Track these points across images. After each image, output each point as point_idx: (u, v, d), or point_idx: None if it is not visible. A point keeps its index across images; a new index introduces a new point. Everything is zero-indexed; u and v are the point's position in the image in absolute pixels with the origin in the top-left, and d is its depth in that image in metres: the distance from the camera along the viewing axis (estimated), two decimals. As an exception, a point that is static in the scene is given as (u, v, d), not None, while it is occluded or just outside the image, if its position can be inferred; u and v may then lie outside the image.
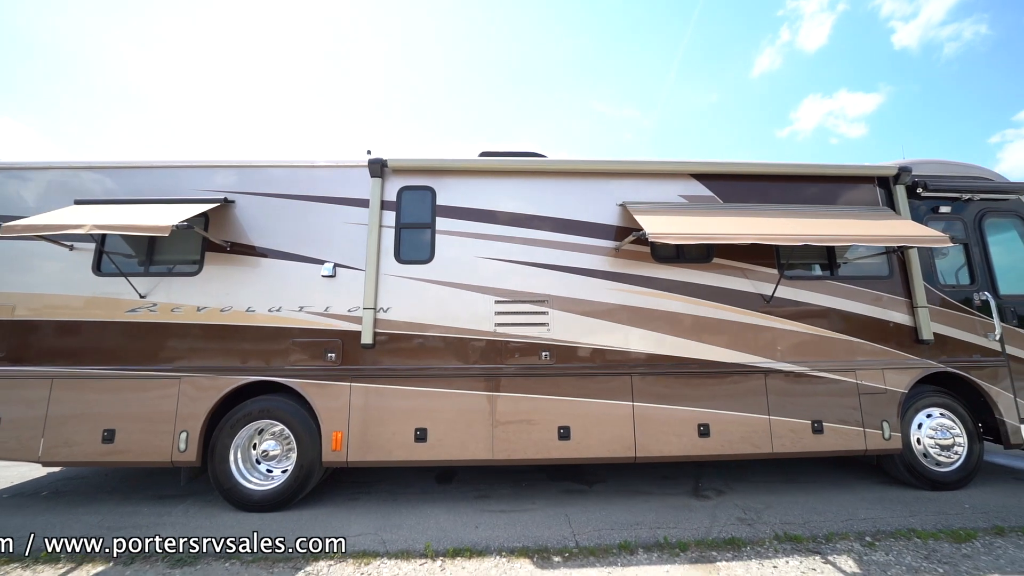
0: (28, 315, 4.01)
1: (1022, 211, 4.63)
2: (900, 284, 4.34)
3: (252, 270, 4.08)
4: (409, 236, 4.18)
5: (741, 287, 4.18)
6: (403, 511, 3.72)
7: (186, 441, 3.75)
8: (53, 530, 3.41)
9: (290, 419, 3.83)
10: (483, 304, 4.03)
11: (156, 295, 4.03)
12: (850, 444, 3.97)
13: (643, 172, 4.40)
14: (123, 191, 4.22)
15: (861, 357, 4.14)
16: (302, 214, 4.18)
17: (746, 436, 3.90)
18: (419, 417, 3.79)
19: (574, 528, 3.37)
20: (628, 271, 4.15)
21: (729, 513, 3.63)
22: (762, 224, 3.89)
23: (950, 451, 4.15)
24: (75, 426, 3.79)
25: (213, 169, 4.28)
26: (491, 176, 4.32)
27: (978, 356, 4.25)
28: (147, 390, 3.85)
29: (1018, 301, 4.42)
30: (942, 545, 3.11)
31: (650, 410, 3.88)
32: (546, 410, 3.84)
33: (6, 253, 4.09)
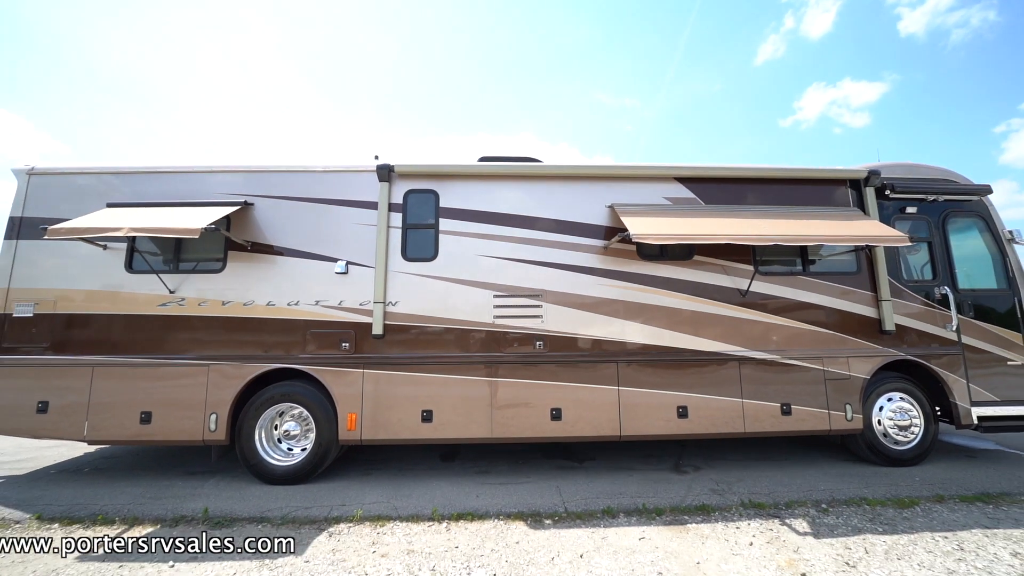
0: (68, 309, 4.40)
1: (984, 212, 4.98)
2: (867, 279, 4.72)
3: (271, 267, 4.46)
4: (415, 236, 4.55)
5: (719, 282, 4.56)
6: (412, 484, 4.15)
7: (216, 422, 4.17)
8: (102, 499, 3.85)
9: (309, 402, 4.24)
10: (483, 298, 4.42)
11: (184, 290, 4.42)
12: (815, 425, 4.38)
13: (631, 176, 4.75)
14: (151, 194, 4.58)
15: (829, 346, 4.53)
16: (316, 215, 4.55)
17: (721, 417, 4.32)
18: (425, 400, 4.20)
19: (564, 497, 3.80)
20: (616, 268, 4.52)
21: (703, 485, 4.06)
22: (737, 225, 4.25)
23: (907, 431, 4.56)
24: (115, 409, 4.20)
25: (233, 174, 4.64)
26: (490, 180, 4.68)
27: (936, 346, 4.64)
28: (179, 377, 4.26)
29: (975, 295, 4.80)
30: (887, 510, 3.53)
31: (634, 394, 4.29)
32: (540, 394, 4.25)
33: (46, 252, 4.46)
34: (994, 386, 4.60)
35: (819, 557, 2.85)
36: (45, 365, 4.27)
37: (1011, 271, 4.85)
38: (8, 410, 4.20)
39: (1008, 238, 4.93)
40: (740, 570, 2.71)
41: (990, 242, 4.94)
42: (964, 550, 2.93)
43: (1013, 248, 4.94)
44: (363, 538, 3.13)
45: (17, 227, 4.54)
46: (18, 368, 4.27)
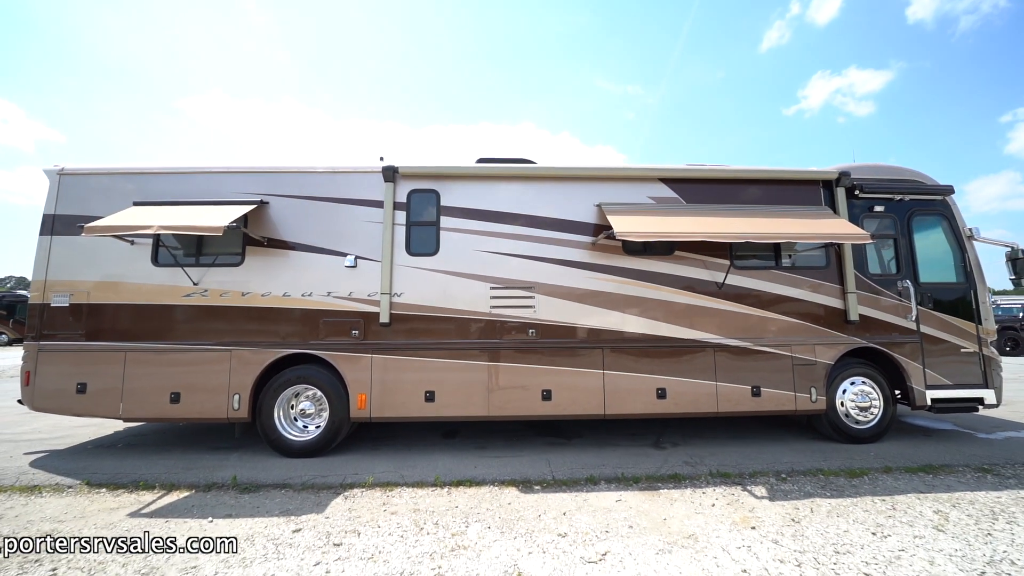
0: (100, 299, 4.81)
1: (947, 211, 5.35)
2: (835, 273, 5.11)
3: (286, 261, 4.86)
4: (418, 232, 4.93)
5: (698, 275, 4.96)
6: (416, 457, 4.61)
7: (239, 402, 4.61)
8: (139, 470, 4.30)
9: (323, 384, 4.67)
10: (480, 290, 4.82)
11: (206, 282, 4.82)
12: (782, 405, 4.82)
13: (618, 177, 5.12)
14: (174, 193, 4.95)
15: (797, 334, 4.95)
16: (327, 213, 4.93)
17: (696, 398, 4.75)
18: (428, 382, 4.64)
19: (552, 468, 4.25)
20: (602, 262, 4.92)
21: (678, 458, 4.52)
22: (714, 223, 4.64)
23: (867, 412, 5.00)
24: (147, 390, 4.63)
25: (249, 175, 5.00)
26: (487, 180, 5.05)
27: (896, 334, 5.05)
28: (204, 362, 4.68)
29: (935, 288, 5.19)
30: (839, 479, 3.97)
31: (617, 377, 4.72)
32: (532, 377, 4.68)
33: (79, 247, 4.84)
34: (948, 371, 5.02)
35: (770, 515, 3.30)
36: (82, 350, 4.70)
37: (969, 266, 5.24)
38: (51, 391, 4.64)
39: (968, 235, 5.31)
40: (700, 524, 3.16)
41: (951, 239, 5.33)
42: (896, 509, 3.38)
43: (972, 245, 5.33)
44: (375, 500, 3.58)
45: (51, 224, 4.92)
46: (58, 353, 4.70)
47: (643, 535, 3.00)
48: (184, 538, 2.97)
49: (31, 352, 4.71)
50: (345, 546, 2.87)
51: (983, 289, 5.24)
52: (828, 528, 3.09)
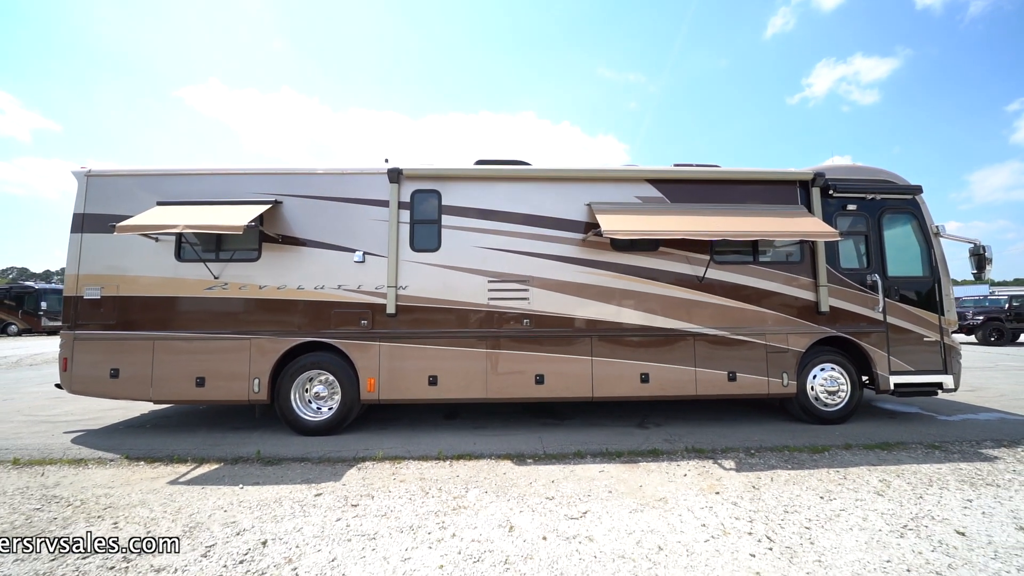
0: (128, 292, 5.22)
1: (915, 209, 5.72)
2: (809, 268, 5.49)
3: (299, 256, 5.25)
4: (421, 230, 5.32)
5: (680, 270, 5.35)
6: (421, 435, 5.06)
7: (258, 386, 5.04)
8: (170, 446, 4.76)
9: (335, 369, 5.11)
10: (479, 283, 5.22)
11: (226, 276, 5.22)
12: (756, 389, 5.25)
13: (607, 178, 5.49)
14: (194, 193, 5.32)
15: (772, 324, 5.35)
16: (336, 212, 5.31)
17: (677, 383, 5.18)
18: (432, 367, 5.07)
19: (544, 444, 4.70)
20: (592, 257, 5.31)
21: (659, 437, 4.96)
22: (695, 222, 5.02)
23: (835, 396, 5.43)
24: (174, 375, 5.06)
25: (264, 176, 5.37)
26: (485, 181, 5.41)
27: (864, 324, 5.45)
28: (226, 350, 5.10)
29: (901, 281, 5.58)
30: (802, 455, 4.41)
31: (604, 363, 5.14)
32: (526, 362, 5.11)
33: (108, 244, 5.23)
34: (911, 359, 5.44)
35: (734, 483, 3.74)
36: (114, 339, 5.13)
37: (935, 261, 5.62)
38: (87, 376, 5.09)
39: (935, 232, 5.68)
40: (671, 490, 3.60)
41: (919, 235, 5.70)
42: (846, 479, 3.81)
43: (939, 241, 5.70)
44: (385, 470, 4.03)
45: (81, 222, 5.31)
46: (92, 342, 5.13)
47: (620, 498, 3.44)
48: (219, 500, 3.42)
49: (67, 340, 5.15)
50: (361, 506, 3.32)
51: (947, 282, 5.63)
52: (783, 493, 3.53)
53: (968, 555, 2.65)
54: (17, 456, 4.43)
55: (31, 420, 5.89)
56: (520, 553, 2.69)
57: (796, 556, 2.66)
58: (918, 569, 2.52)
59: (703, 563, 2.58)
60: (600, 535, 2.90)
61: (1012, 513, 3.17)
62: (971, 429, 5.25)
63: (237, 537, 2.90)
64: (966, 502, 3.35)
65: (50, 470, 4.12)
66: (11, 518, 3.18)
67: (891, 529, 2.97)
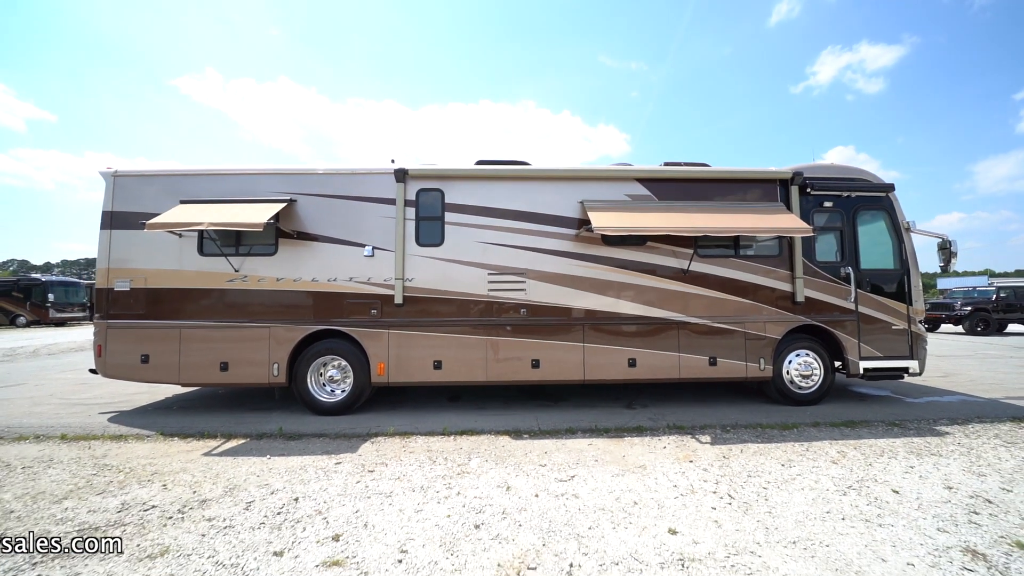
0: (155, 284, 5.65)
1: (888, 206, 6.11)
2: (787, 260, 5.91)
3: (313, 251, 5.66)
4: (425, 226, 5.73)
5: (666, 263, 5.76)
6: (426, 414, 5.53)
7: (277, 370, 5.50)
8: (199, 424, 5.22)
9: (347, 355, 5.56)
10: (479, 275, 5.64)
11: (245, 269, 5.64)
12: (735, 373, 5.70)
13: (599, 177, 5.88)
14: (215, 192, 5.72)
15: (750, 313, 5.78)
16: (347, 210, 5.71)
17: (661, 367, 5.63)
18: (436, 353, 5.51)
19: (539, 422, 5.17)
20: (584, 251, 5.72)
21: (645, 416, 5.43)
22: (679, 219, 5.41)
23: (809, 379, 5.88)
24: (200, 361, 5.52)
25: (279, 176, 5.76)
26: (486, 180, 5.81)
27: (837, 314, 5.88)
28: (247, 338, 5.54)
29: (873, 273, 5.99)
30: (773, 431, 4.87)
31: (595, 349, 5.59)
32: (523, 348, 5.56)
33: (135, 239, 5.64)
34: (880, 345, 5.87)
35: (707, 454, 4.20)
36: (143, 328, 5.57)
37: (905, 254, 6.03)
38: (120, 361, 5.54)
39: (906, 227, 6.08)
40: (651, 459, 4.06)
41: (891, 231, 6.10)
42: (809, 450, 4.27)
43: (909, 236, 6.10)
44: (395, 444, 4.50)
45: (109, 220, 5.72)
46: (123, 330, 5.57)
47: (604, 465, 3.91)
48: (251, 468, 3.89)
49: (101, 329, 5.59)
50: (377, 472, 3.79)
51: (916, 274, 6.04)
52: (749, 462, 3.99)
53: (896, 507, 3.11)
54: (64, 432, 4.90)
55: (66, 403, 6.36)
56: (515, 507, 3.15)
57: (751, 508, 3.12)
58: (851, 518, 2.98)
59: (670, 513, 3.04)
60: (585, 493, 3.36)
61: (945, 477, 3.63)
62: (933, 410, 5.70)
63: (272, 495, 3.37)
64: (908, 468, 3.81)
65: (95, 444, 4.58)
66: (74, 481, 3.65)
67: (837, 489, 3.42)
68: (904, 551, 2.60)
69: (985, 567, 2.44)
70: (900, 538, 2.73)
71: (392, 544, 2.69)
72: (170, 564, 2.52)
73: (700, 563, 2.49)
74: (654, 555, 2.56)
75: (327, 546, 2.68)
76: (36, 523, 2.98)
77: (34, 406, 6.19)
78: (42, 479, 3.71)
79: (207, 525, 2.94)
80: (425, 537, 2.77)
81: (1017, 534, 2.76)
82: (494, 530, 2.84)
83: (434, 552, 2.61)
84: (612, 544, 2.68)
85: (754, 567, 2.45)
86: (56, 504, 3.25)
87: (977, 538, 2.73)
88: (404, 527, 2.89)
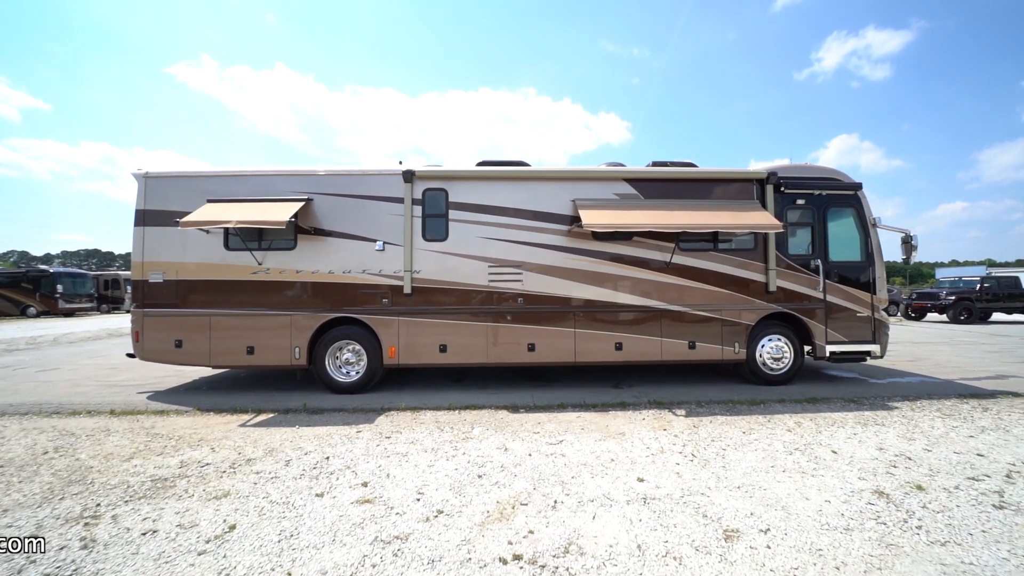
0: (186, 276, 6.22)
1: (856, 203, 6.64)
2: (761, 253, 6.47)
3: (329, 246, 6.22)
4: (431, 223, 6.27)
5: (650, 256, 6.32)
6: (433, 393, 6.14)
7: (299, 353, 6.10)
8: (230, 402, 5.84)
9: (361, 340, 6.15)
10: (481, 267, 6.21)
11: (268, 262, 6.21)
12: (712, 356, 6.30)
13: (590, 177, 6.41)
14: (239, 192, 6.26)
15: (727, 302, 6.36)
16: (359, 208, 6.25)
17: (645, 350, 6.23)
18: (442, 337, 6.11)
19: (534, 399, 5.78)
20: (576, 246, 6.28)
21: (629, 394, 6.04)
22: (661, 216, 5.96)
23: (780, 361, 6.48)
24: (229, 346, 6.11)
25: (296, 177, 6.30)
26: (486, 181, 6.34)
27: (806, 302, 6.45)
28: (270, 326, 6.12)
29: (841, 265, 6.55)
30: (742, 406, 5.48)
31: (585, 334, 6.18)
32: (520, 333, 6.15)
33: (166, 235, 6.19)
34: (845, 331, 6.46)
35: (680, 424, 4.81)
36: (176, 316, 6.15)
37: (871, 248, 6.58)
38: (156, 347, 6.14)
39: (872, 223, 6.63)
40: (630, 428, 4.67)
41: (859, 226, 6.64)
42: (770, 421, 4.88)
43: (875, 231, 6.65)
44: (407, 416, 5.11)
45: (142, 217, 6.27)
46: (158, 318, 6.16)
47: (589, 433, 4.52)
48: (283, 435, 4.51)
49: (138, 317, 6.18)
50: (393, 438, 4.40)
51: (880, 266, 6.60)
52: (715, 431, 4.60)
53: (831, 464, 3.72)
54: (112, 408, 5.51)
55: (103, 385, 6.98)
56: (512, 462, 3.76)
57: (709, 464, 3.73)
58: (790, 470, 3.59)
59: (640, 467, 3.66)
60: (570, 453, 3.97)
61: (880, 441, 4.23)
62: (891, 389, 6.31)
63: (306, 455, 3.98)
64: (852, 435, 4.42)
65: (142, 418, 5.20)
66: (134, 445, 4.27)
67: (785, 450, 4.03)
68: (826, 492, 3.21)
69: (885, 502, 3.05)
70: (825, 484, 3.34)
71: (411, 488, 3.31)
72: (233, 502, 3.13)
73: (659, 501, 3.10)
74: (623, 495, 3.17)
75: (358, 490, 3.29)
76: (114, 475, 3.60)
77: (75, 387, 6.81)
78: (106, 444, 4.33)
79: (256, 476, 3.55)
80: (437, 484, 3.38)
81: (921, 480, 3.37)
82: (494, 479, 3.46)
83: (445, 493, 3.22)
84: (590, 488, 3.29)
85: (702, 503, 3.06)
86: (126, 462, 3.87)
87: (887, 483, 3.33)
88: (419, 477, 3.50)
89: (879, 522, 2.81)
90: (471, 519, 2.87)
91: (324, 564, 2.43)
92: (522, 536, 2.68)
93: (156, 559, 2.50)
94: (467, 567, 2.40)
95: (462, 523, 2.83)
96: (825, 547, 2.56)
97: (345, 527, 2.79)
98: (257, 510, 3.01)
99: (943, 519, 2.84)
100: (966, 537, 2.64)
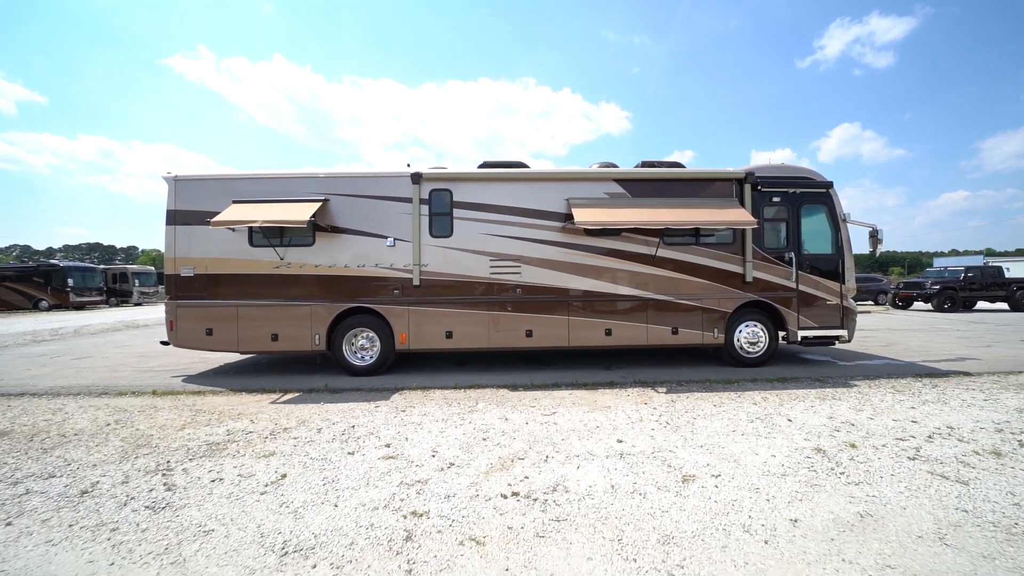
0: (214, 270, 6.82)
1: (828, 200, 7.21)
2: (739, 247, 7.05)
3: (345, 242, 6.82)
4: (437, 220, 6.86)
5: (637, 250, 6.92)
6: (441, 375, 6.79)
7: (319, 339, 6.73)
8: (257, 383, 6.48)
9: (375, 327, 6.78)
10: (482, 261, 6.81)
11: (289, 258, 6.81)
12: (693, 340, 6.93)
13: (583, 178, 6.98)
14: (262, 193, 6.84)
15: (707, 292, 6.97)
16: (372, 207, 6.83)
17: (632, 336, 6.86)
18: (448, 325, 6.74)
19: (532, 379, 6.42)
20: (569, 241, 6.87)
21: (618, 375, 6.68)
22: (646, 214, 6.54)
23: (756, 345, 7.11)
24: (255, 334, 6.75)
25: (314, 179, 6.87)
26: (488, 181, 6.91)
27: (780, 291, 7.06)
28: (292, 315, 6.74)
29: (813, 258, 7.15)
30: (718, 385, 6.10)
31: (577, 321, 6.81)
32: (519, 320, 6.77)
33: (196, 234, 6.78)
34: (816, 318, 7.07)
35: (660, 399, 5.44)
36: (207, 306, 6.77)
37: (841, 241, 7.17)
38: (189, 336, 6.77)
39: (842, 219, 7.20)
40: (616, 402, 5.30)
41: (830, 221, 7.22)
42: (740, 397, 5.51)
43: (846, 226, 7.23)
44: (418, 394, 5.75)
45: (173, 217, 6.86)
46: (190, 309, 6.78)
47: (579, 406, 5.16)
48: (311, 410, 5.15)
49: (172, 308, 6.80)
50: (407, 411, 5.04)
51: (849, 258, 7.19)
52: (690, 404, 5.23)
53: (784, 429, 4.36)
54: (154, 389, 6.16)
55: (137, 370, 7.63)
56: (511, 429, 4.41)
57: (679, 429, 4.37)
58: (747, 434, 4.22)
59: (621, 432, 4.30)
60: (562, 422, 4.61)
61: (832, 412, 4.87)
62: (856, 370, 6.94)
63: (334, 425, 4.62)
64: (809, 407, 5.05)
65: (182, 397, 5.85)
66: (182, 419, 4.91)
67: (748, 419, 4.67)
68: (773, 450, 3.84)
69: (821, 456, 3.69)
70: (775, 444, 3.98)
71: (426, 448, 3.95)
72: (279, 459, 3.77)
73: (633, 456, 3.74)
74: (603, 451, 3.82)
75: (382, 450, 3.93)
76: (173, 441, 4.24)
77: (113, 372, 7.46)
78: (157, 418, 4.97)
79: (294, 440, 4.20)
80: (448, 444, 4.03)
81: (856, 440, 4.01)
82: (496, 440, 4.10)
83: (455, 451, 3.87)
84: (576, 447, 3.93)
85: (668, 458, 3.70)
86: (180, 431, 4.52)
87: (828, 443, 3.97)
88: (433, 440, 4.15)
89: (811, 470, 3.45)
90: (478, 469, 3.52)
91: (363, 499, 3.07)
92: (519, 480, 3.32)
93: (228, 497, 3.14)
94: (476, 501, 3.04)
95: (471, 472, 3.47)
96: (763, 487, 3.19)
97: (375, 475, 3.43)
98: (301, 464, 3.66)
99: (863, 468, 3.47)
100: (877, 479, 3.28)
